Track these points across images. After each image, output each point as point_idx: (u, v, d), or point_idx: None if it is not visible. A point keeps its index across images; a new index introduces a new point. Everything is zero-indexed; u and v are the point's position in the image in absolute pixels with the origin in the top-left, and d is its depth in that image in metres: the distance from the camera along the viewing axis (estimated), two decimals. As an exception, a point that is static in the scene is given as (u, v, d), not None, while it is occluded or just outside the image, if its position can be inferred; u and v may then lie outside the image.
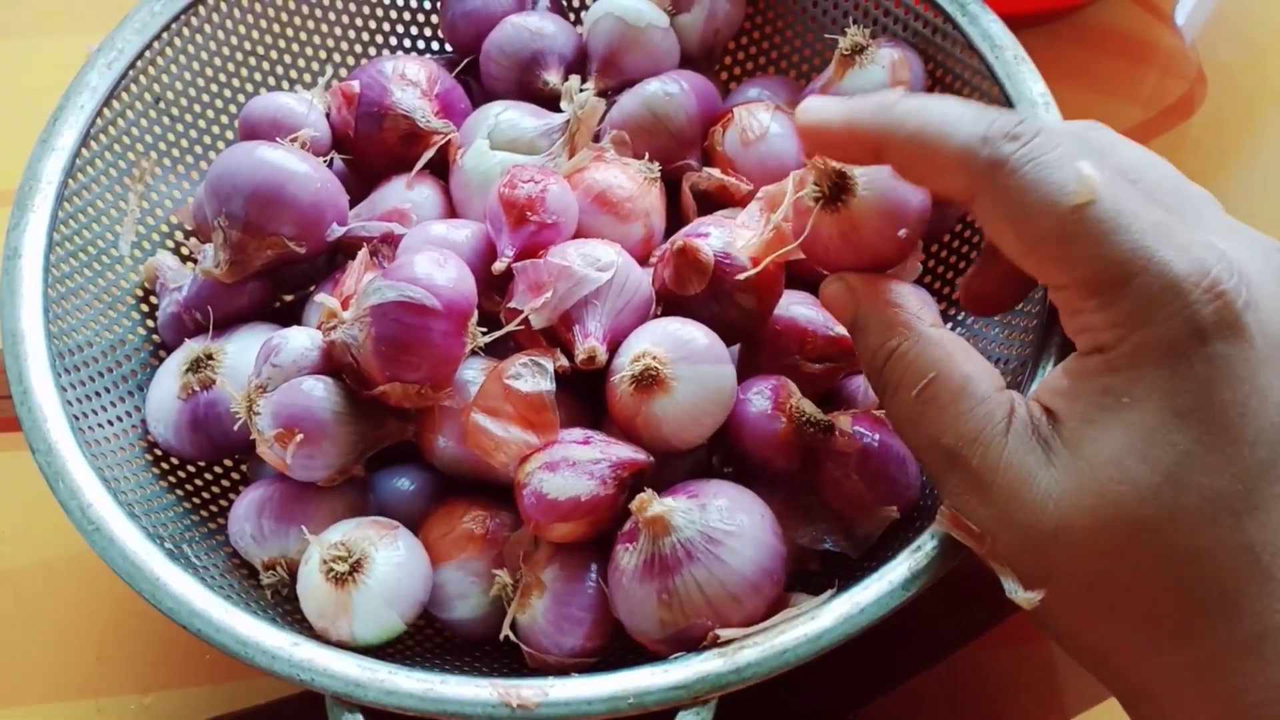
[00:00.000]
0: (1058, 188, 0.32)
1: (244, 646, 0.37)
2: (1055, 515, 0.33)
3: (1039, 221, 0.32)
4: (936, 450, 0.35)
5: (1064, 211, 0.32)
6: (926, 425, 0.35)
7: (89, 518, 0.40)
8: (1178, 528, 0.31)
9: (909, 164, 0.36)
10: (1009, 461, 0.33)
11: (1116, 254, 0.32)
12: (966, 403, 0.35)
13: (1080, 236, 0.32)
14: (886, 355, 0.37)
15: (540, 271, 0.43)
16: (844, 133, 0.37)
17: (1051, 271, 0.33)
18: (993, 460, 0.34)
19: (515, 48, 0.54)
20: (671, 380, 0.40)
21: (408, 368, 0.40)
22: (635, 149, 0.51)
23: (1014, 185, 0.33)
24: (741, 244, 0.43)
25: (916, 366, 0.36)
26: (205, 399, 0.46)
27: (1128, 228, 0.32)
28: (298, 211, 0.46)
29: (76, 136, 0.48)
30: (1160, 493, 0.31)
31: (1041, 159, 0.33)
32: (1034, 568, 0.34)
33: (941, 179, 0.35)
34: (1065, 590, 0.34)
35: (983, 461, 0.34)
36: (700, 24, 0.56)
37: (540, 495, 0.40)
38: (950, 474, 0.35)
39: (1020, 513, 0.33)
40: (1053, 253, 0.33)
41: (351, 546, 0.40)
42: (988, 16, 0.50)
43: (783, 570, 0.39)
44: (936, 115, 0.34)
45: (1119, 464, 0.32)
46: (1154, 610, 0.32)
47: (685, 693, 0.36)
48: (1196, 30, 0.72)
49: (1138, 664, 0.34)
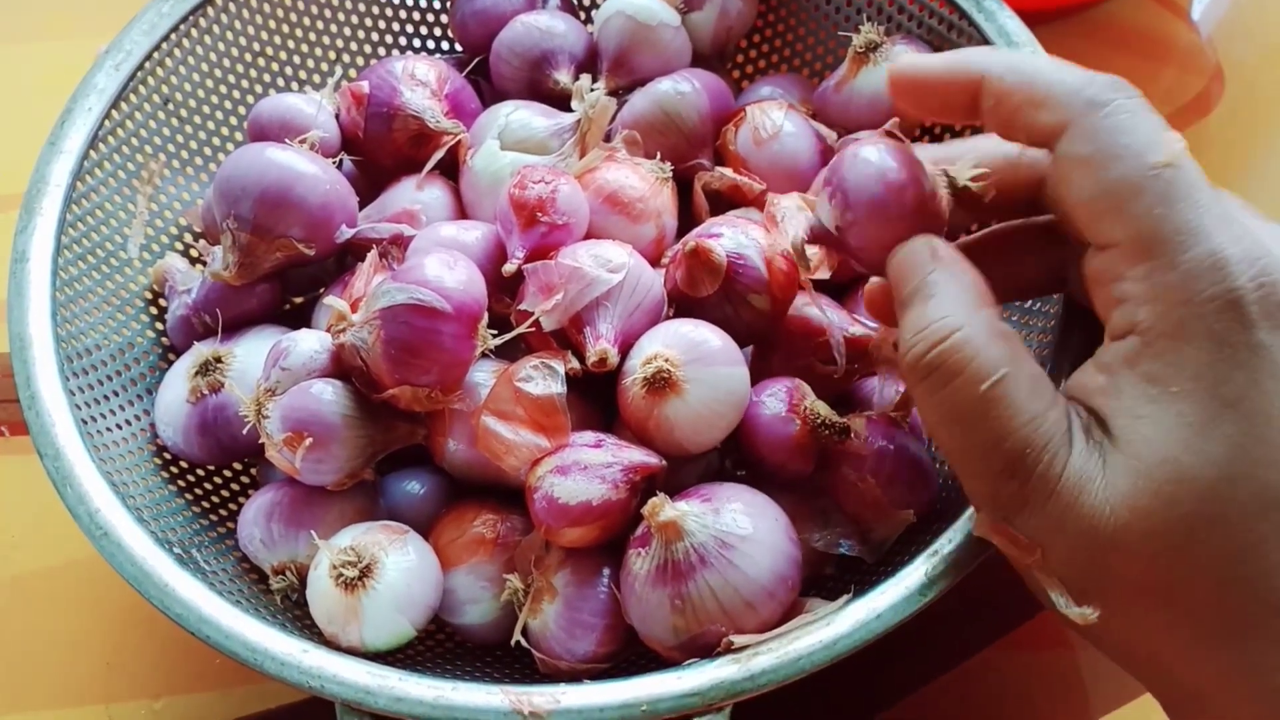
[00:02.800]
0: (1148, 141, 0.32)
1: (253, 653, 0.37)
2: (1113, 520, 0.32)
3: (1120, 166, 0.32)
4: (995, 455, 0.33)
5: (1146, 164, 0.32)
6: (988, 424, 0.33)
7: (97, 523, 0.40)
8: (1231, 523, 0.31)
9: (1007, 94, 0.35)
10: (1072, 469, 0.32)
11: (1178, 220, 0.31)
12: (1039, 405, 0.33)
13: (1151, 193, 0.32)
14: (948, 334, 0.34)
15: (551, 273, 0.42)
16: (942, 75, 0.37)
17: (1110, 222, 0.33)
18: (1058, 468, 0.32)
19: (525, 47, 0.54)
20: (684, 383, 0.40)
21: (418, 371, 0.40)
22: (647, 148, 0.50)
23: (1108, 126, 0.33)
24: None
25: (986, 358, 0.33)
26: (214, 402, 0.45)
27: (1196, 202, 0.32)
28: (307, 213, 0.45)
29: (85, 138, 0.48)
30: (1217, 490, 0.31)
31: (1139, 113, 0.33)
32: (1087, 576, 0.33)
33: (1037, 112, 0.34)
34: (1119, 595, 0.33)
35: (1049, 469, 0.32)
36: (712, 22, 0.55)
37: (552, 499, 0.39)
38: (1005, 482, 0.33)
39: (1078, 521, 0.32)
40: (1120, 203, 0.32)
41: (361, 551, 0.40)
42: (1004, 13, 0.49)
43: (798, 575, 0.39)
44: (1041, 57, 0.35)
45: (1174, 461, 0.31)
46: (1207, 609, 0.32)
47: (699, 700, 0.36)
48: (1212, 25, 0.72)
49: (1189, 665, 0.33)
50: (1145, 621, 0.33)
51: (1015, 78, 0.35)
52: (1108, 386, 0.33)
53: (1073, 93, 0.33)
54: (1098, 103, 0.33)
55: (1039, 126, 0.34)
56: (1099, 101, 0.33)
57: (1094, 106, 0.33)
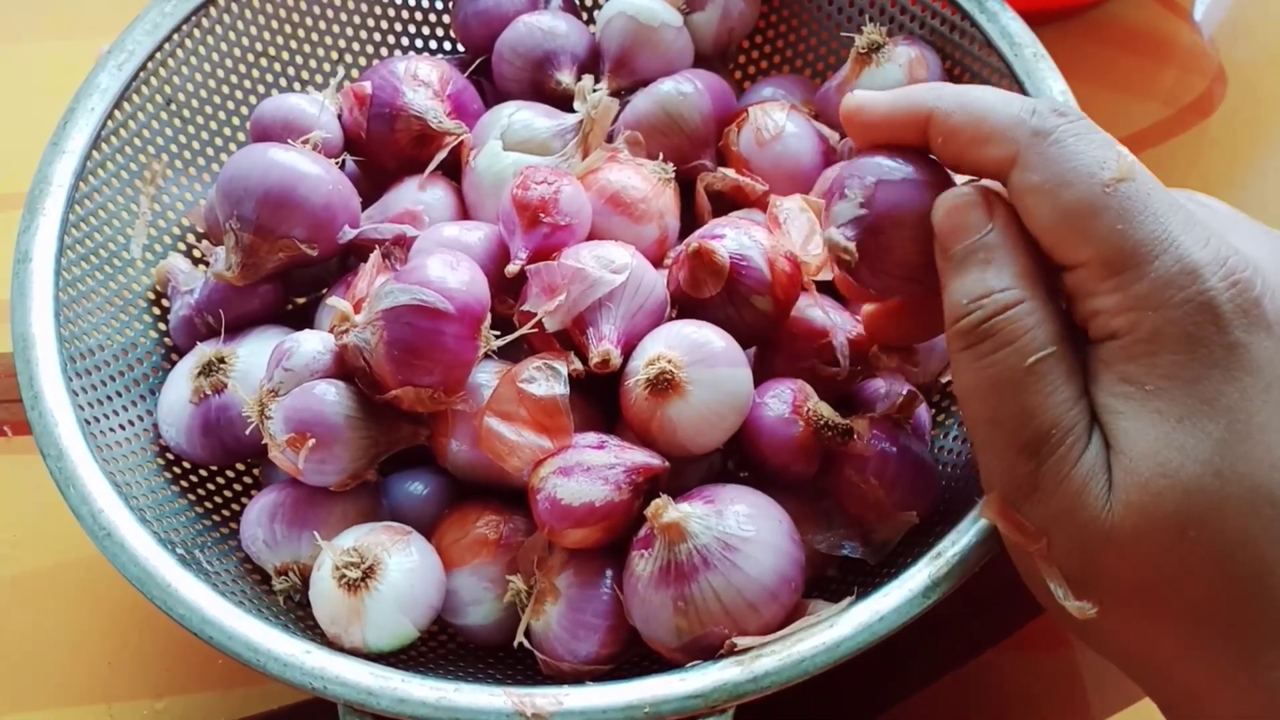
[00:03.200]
0: (1097, 160, 0.33)
1: (256, 654, 0.37)
2: (1109, 517, 0.32)
3: (1074, 190, 0.32)
4: (1022, 430, 0.33)
5: (1099, 183, 0.32)
6: (1025, 397, 0.33)
7: (100, 523, 0.40)
8: (1224, 520, 0.31)
9: (955, 132, 0.35)
10: (1085, 460, 0.33)
11: (1141, 233, 0.32)
12: (1074, 391, 0.33)
13: (1110, 210, 0.32)
14: (1007, 305, 0.33)
15: (554, 274, 0.42)
16: (890, 111, 0.37)
17: (1075, 245, 0.33)
18: (1074, 456, 0.33)
19: (528, 47, 0.54)
20: (687, 384, 0.40)
21: (420, 371, 0.40)
22: (649, 149, 0.50)
23: (1056, 153, 0.33)
24: None
25: (1040, 333, 0.33)
26: (217, 403, 0.45)
27: (1155, 211, 0.32)
28: (309, 214, 0.45)
29: (87, 139, 0.48)
30: (1205, 485, 0.31)
31: (1085, 135, 0.33)
32: (1085, 572, 0.33)
33: (985, 148, 0.35)
34: (1114, 593, 0.33)
35: (1065, 455, 0.33)
36: (714, 23, 0.55)
37: (554, 500, 0.39)
38: (1023, 461, 0.33)
39: (1079, 514, 0.32)
40: (1080, 225, 0.33)
41: (364, 552, 0.40)
42: (1007, 14, 0.49)
43: (801, 577, 0.39)
44: (986, 91, 0.35)
45: (1158, 456, 0.31)
46: (1200, 606, 0.32)
47: (702, 702, 0.36)
48: (1214, 26, 0.72)
49: (1182, 663, 0.33)
50: (1139, 620, 0.33)
51: (961, 115, 0.35)
52: (1088, 388, 0.33)
53: (1016, 124, 0.34)
54: (1043, 131, 0.33)
55: (988, 161, 0.35)
56: (1044, 130, 0.33)
57: (1039, 135, 0.33)
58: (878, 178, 0.37)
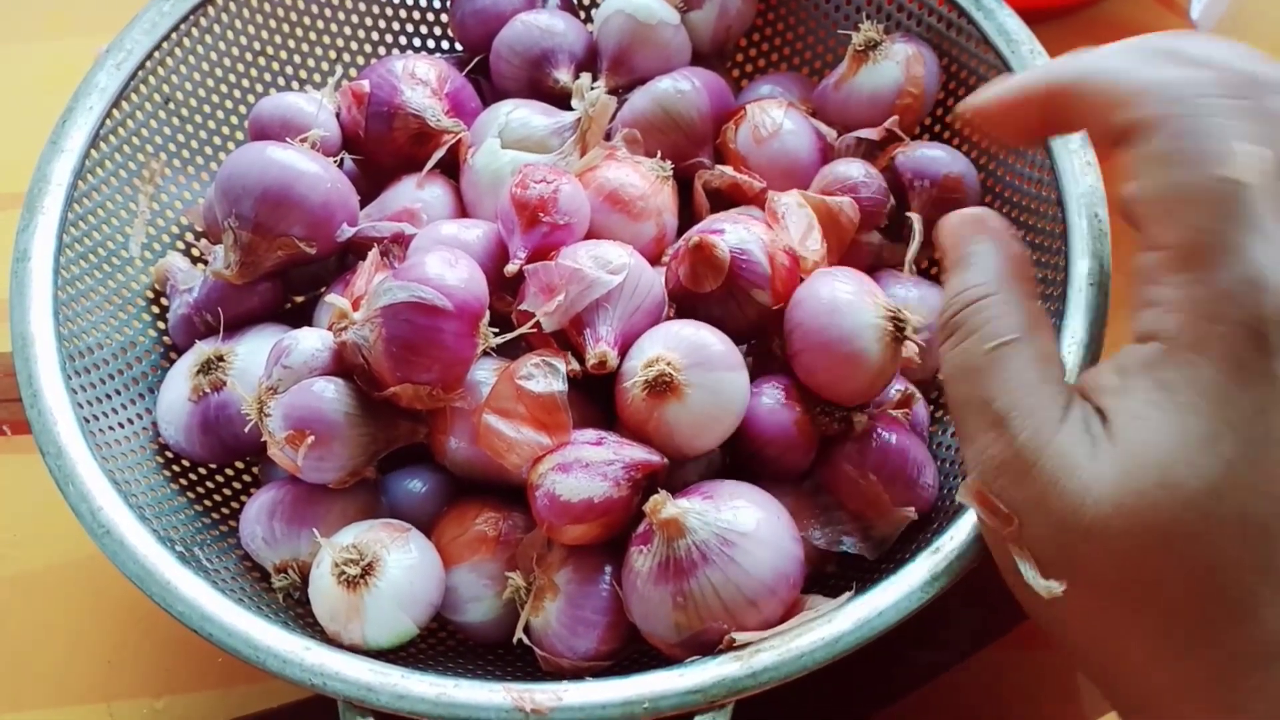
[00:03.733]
0: (1222, 150, 0.31)
1: (256, 651, 0.37)
2: (1092, 510, 0.32)
3: (1187, 171, 0.32)
4: (986, 412, 0.34)
5: (1215, 175, 0.31)
6: (986, 381, 0.34)
7: (99, 521, 0.40)
8: (1210, 540, 0.31)
9: (1085, 97, 0.35)
10: (1057, 447, 0.33)
11: (1228, 240, 0.31)
12: (1033, 375, 0.34)
13: (1209, 205, 0.31)
14: (976, 299, 0.36)
15: (552, 274, 0.42)
16: (1016, 96, 0.37)
17: (1162, 227, 0.32)
18: (1041, 440, 0.33)
19: (525, 46, 0.54)
20: (685, 387, 0.40)
21: (419, 369, 0.40)
22: (647, 147, 0.50)
23: (1190, 128, 0.32)
24: None
25: (1001, 323, 0.35)
26: (216, 401, 0.45)
27: (1252, 225, 0.31)
28: (308, 212, 0.45)
29: (86, 137, 0.48)
30: (1199, 502, 0.31)
31: (1229, 115, 0.32)
32: (1057, 560, 0.33)
33: (1117, 111, 0.34)
34: (1085, 588, 0.33)
35: (1031, 438, 0.33)
36: (712, 20, 0.55)
37: (553, 497, 0.39)
38: (992, 443, 0.34)
39: (1056, 501, 0.32)
40: (1176, 209, 0.32)
41: (363, 549, 0.40)
42: (1004, 11, 0.49)
43: (800, 573, 0.39)
44: (1114, 54, 0.35)
45: (1165, 467, 0.31)
46: (1171, 616, 0.32)
47: (701, 697, 0.36)
48: (1211, 22, 0.72)
49: (1145, 672, 0.33)
50: (1107, 621, 0.33)
51: (1101, 78, 0.34)
52: (1119, 387, 0.33)
53: (1164, 87, 0.33)
54: (1185, 100, 0.32)
55: (1116, 124, 0.34)
56: (1186, 99, 0.32)
57: (1181, 104, 0.32)
58: None
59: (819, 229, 0.46)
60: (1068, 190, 0.45)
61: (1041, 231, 0.47)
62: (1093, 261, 0.43)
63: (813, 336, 0.41)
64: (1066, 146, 0.46)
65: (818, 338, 0.41)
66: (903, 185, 0.49)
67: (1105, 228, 0.44)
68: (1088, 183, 0.45)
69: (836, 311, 0.41)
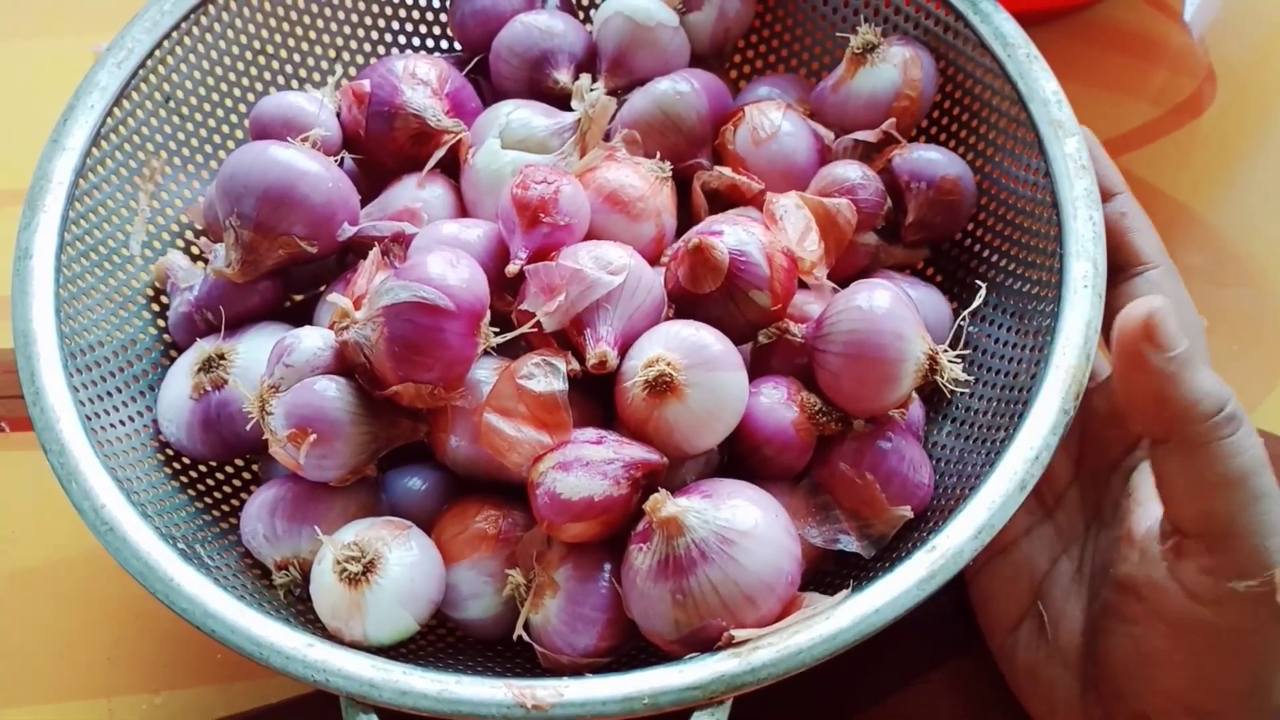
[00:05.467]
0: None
1: (259, 648, 0.37)
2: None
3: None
4: None
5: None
6: None
7: (103, 519, 0.40)
8: None
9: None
10: None
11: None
12: None
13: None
14: None
15: (552, 274, 0.42)
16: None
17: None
18: None
19: (525, 46, 0.54)
20: (685, 387, 0.40)
21: (421, 368, 0.40)
22: (646, 148, 0.50)
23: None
24: None
25: None
26: (217, 399, 0.46)
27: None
28: (310, 211, 0.46)
29: (87, 136, 0.48)
30: None
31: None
32: None
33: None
34: None
35: None
36: (710, 22, 0.56)
37: (554, 495, 0.40)
38: None
39: None
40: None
41: (365, 546, 0.40)
42: (1000, 14, 0.50)
43: (798, 571, 0.39)
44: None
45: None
46: None
47: (700, 693, 0.36)
48: (1204, 25, 0.72)
49: None
50: None
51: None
52: None
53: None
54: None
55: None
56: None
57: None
58: None
59: (817, 230, 0.46)
60: (1062, 193, 0.45)
61: (1036, 234, 0.47)
62: (1087, 264, 0.44)
63: (858, 349, 0.41)
64: (1062, 150, 0.46)
65: (865, 351, 0.41)
66: (899, 187, 0.50)
67: (1100, 230, 0.44)
68: (1082, 186, 0.45)
69: (900, 337, 0.41)
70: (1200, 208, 0.65)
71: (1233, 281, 0.63)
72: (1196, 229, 0.64)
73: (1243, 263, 0.63)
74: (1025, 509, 0.39)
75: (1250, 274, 0.63)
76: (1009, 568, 0.47)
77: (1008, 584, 0.47)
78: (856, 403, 0.43)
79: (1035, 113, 0.47)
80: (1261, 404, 0.59)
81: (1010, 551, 0.47)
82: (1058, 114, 0.47)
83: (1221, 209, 0.65)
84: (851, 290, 0.43)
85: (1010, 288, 0.49)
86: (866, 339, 0.41)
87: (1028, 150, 0.48)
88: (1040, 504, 0.48)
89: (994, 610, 0.48)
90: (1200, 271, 0.63)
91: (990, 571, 0.48)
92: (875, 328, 0.41)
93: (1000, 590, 0.47)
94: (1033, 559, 0.47)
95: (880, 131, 0.51)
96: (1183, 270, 0.47)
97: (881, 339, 0.41)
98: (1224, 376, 0.45)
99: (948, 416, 0.48)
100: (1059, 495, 0.48)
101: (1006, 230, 0.50)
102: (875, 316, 0.41)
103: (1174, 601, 0.40)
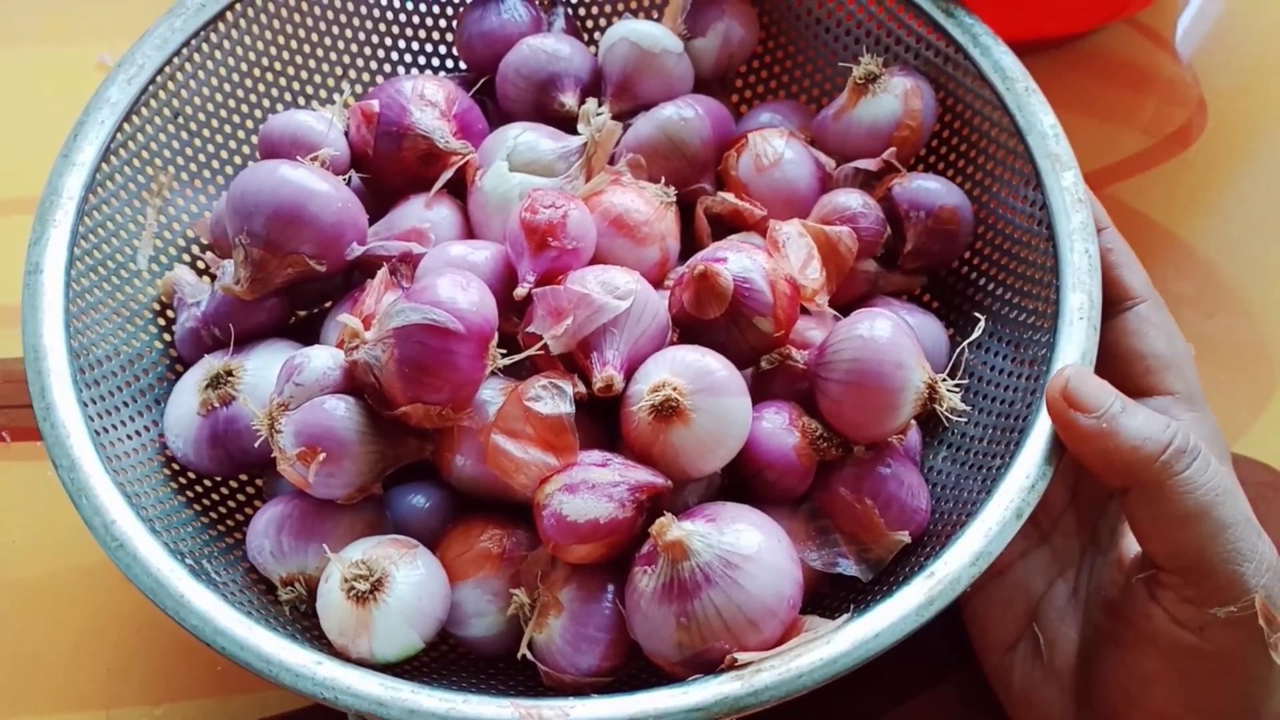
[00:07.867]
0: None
1: (268, 665, 0.38)
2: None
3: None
4: (1254, 524, 0.41)
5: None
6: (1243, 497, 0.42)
7: (113, 535, 0.40)
8: None
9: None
10: None
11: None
12: None
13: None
14: None
15: (560, 298, 0.43)
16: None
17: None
18: None
19: (532, 69, 0.55)
20: (691, 412, 0.41)
21: (430, 389, 0.41)
22: (650, 172, 0.51)
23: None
24: None
25: None
26: (225, 415, 0.46)
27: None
28: (319, 231, 0.46)
29: (97, 151, 0.49)
30: None
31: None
32: None
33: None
34: None
35: None
36: (714, 49, 0.57)
37: (560, 517, 0.40)
38: (1268, 550, 0.41)
39: None
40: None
41: (373, 565, 0.40)
42: (999, 48, 0.51)
43: (798, 594, 0.40)
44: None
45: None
46: None
47: (703, 715, 0.37)
48: (1193, 49, 0.74)
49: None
50: None
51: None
52: None
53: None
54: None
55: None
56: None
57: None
58: None
59: (819, 258, 0.47)
60: (1059, 225, 0.46)
61: (1033, 264, 0.48)
62: (1083, 296, 0.45)
63: (860, 377, 0.42)
64: (1059, 183, 0.47)
65: (867, 380, 0.42)
66: (899, 215, 0.51)
67: (1095, 262, 0.45)
68: (1079, 219, 0.46)
69: (901, 366, 0.42)
70: (1189, 236, 0.66)
71: (1221, 309, 0.64)
72: (1185, 257, 0.66)
73: (1231, 291, 0.65)
74: (1021, 533, 0.40)
75: (1238, 302, 0.64)
76: (1005, 590, 0.48)
77: (1003, 606, 0.48)
78: (857, 429, 0.43)
79: (1033, 145, 0.48)
80: (1247, 432, 0.60)
81: (1006, 574, 0.48)
82: (1055, 147, 0.48)
83: (1210, 237, 0.66)
84: (853, 319, 0.44)
85: (1006, 316, 0.50)
86: (868, 367, 0.42)
87: (1025, 182, 0.49)
88: (1036, 528, 0.49)
89: (989, 631, 0.48)
90: (1189, 299, 0.64)
91: (986, 593, 0.48)
92: (877, 357, 0.42)
93: (996, 612, 0.48)
94: (1029, 581, 0.48)
95: (881, 160, 0.52)
96: (1171, 298, 0.48)
97: (883, 368, 0.42)
98: (1211, 404, 0.46)
99: (944, 442, 0.49)
100: (1055, 519, 0.49)
101: (1003, 260, 0.51)
102: (877, 345, 0.42)
103: (1161, 626, 0.41)
